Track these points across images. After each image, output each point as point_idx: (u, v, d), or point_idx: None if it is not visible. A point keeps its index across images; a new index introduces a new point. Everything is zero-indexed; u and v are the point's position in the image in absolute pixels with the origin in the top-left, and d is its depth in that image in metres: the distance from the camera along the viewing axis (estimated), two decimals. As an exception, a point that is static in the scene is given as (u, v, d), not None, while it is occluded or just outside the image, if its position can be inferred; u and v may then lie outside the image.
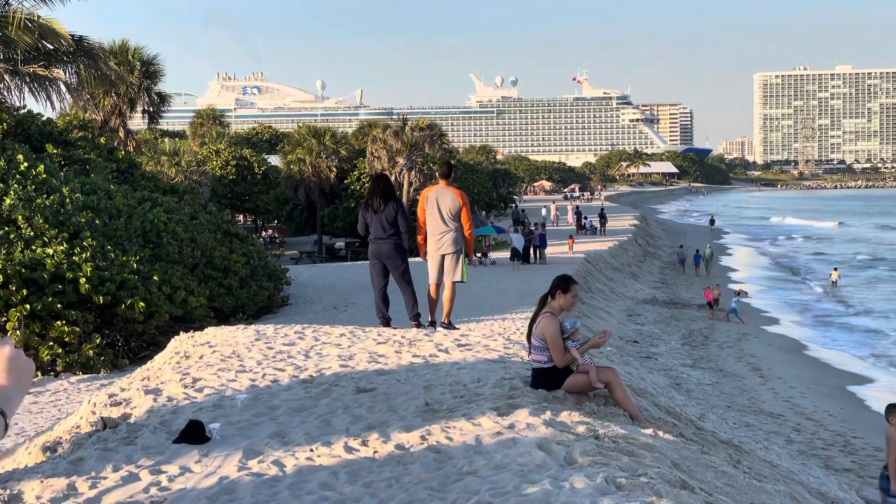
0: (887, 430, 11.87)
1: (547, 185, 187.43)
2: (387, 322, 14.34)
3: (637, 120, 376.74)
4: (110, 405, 9.84)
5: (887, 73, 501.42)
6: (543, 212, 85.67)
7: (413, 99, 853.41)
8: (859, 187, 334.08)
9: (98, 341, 21.15)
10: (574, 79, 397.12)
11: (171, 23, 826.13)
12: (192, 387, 10.20)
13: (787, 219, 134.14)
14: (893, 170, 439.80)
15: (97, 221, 23.72)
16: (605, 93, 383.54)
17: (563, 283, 9.63)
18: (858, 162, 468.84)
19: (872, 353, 35.68)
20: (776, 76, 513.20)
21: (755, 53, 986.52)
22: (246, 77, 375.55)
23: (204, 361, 11.57)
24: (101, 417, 9.20)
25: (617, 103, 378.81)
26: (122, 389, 10.63)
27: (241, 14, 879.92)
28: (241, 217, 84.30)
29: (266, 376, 10.57)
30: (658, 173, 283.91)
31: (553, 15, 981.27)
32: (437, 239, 14.26)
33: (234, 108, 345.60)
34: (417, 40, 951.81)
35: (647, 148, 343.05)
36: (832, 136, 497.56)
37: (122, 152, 37.37)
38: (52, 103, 28.26)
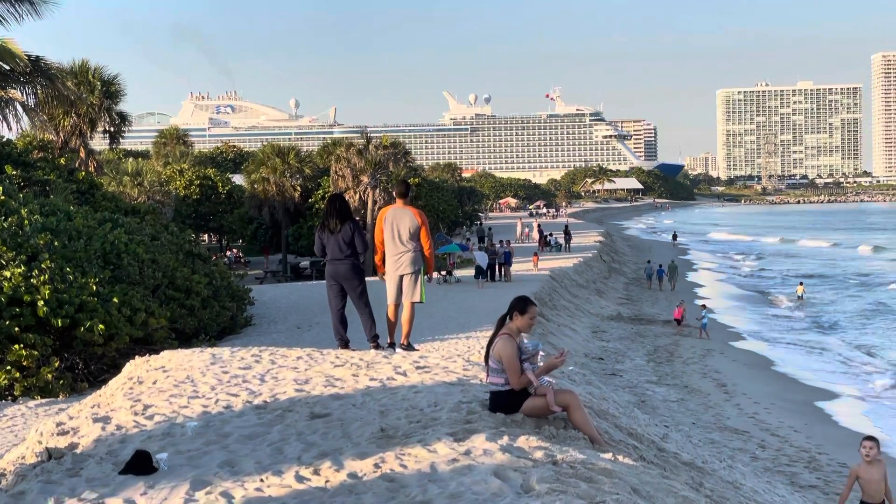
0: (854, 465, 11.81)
1: (512, 202, 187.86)
2: (345, 344, 14.14)
3: (610, 136, 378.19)
4: (57, 434, 9.58)
5: (848, 88, 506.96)
6: (519, 229, 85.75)
7: (387, 116, 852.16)
8: (822, 202, 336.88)
9: (57, 365, 20.80)
10: (547, 95, 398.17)
11: (144, 43, 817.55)
12: (143, 414, 9.95)
13: (739, 235, 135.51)
14: (855, 184, 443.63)
15: (56, 243, 23.39)
16: (578, 109, 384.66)
17: (520, 305, 9.47)
18: (821, 177, 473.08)
19: (837, 368, 35.79)
20: (738, 92, 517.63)
21: (718, 70, 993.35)
22: (220, 96, 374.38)
23: (157, 387, 11.32)
24: (47, 448, 8.94)
25: (590, 119, 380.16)
26: (71, 417, 10.37)
27: (215, 34, 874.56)
28: (205, 237, 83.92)
29: (219, 402, 10.34)
30: (623, 189, 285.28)
31: (524, 31, 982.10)
32: (396, 259, 14.09)
33: (208, 128, 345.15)
34: (391, 58, 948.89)
35: (620, 164, 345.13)
36: (794, 152, 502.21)
37: (83, 173, 37.03)
38: (8, 124, 27.95)
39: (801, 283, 59.81)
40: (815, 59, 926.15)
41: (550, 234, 75.84)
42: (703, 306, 44.25)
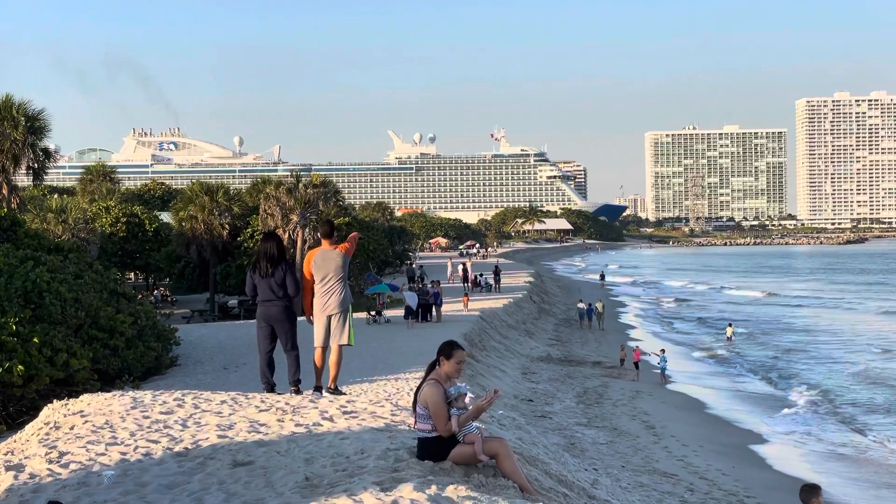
0: None
1: (443, 241, 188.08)
2: (271, 388, 13.85)
3: (554, 177, 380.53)
4: (-32, 483, 9.20)
5: (773, 132, 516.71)
6: (450, 269, 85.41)
7: (332, 155, 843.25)
8: (748, 244, 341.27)
9: (-27, 407, 20.26)
10: (492, 135, 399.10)
11: (80, 77, 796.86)
12: (58, 462, 9.60)
13: (666, 277, 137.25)
14: (780, 227, 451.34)
15: (-26, 282, 22.85)
16: (522, 150, 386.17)
17: (447, 350, 9.29)
18: (747, 219, 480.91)
19: (765, 409, 36.07)
20: (666, 135, 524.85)
21: (646, 113, 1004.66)
22: (162, 132, 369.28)
23: (74, 433, 10.96)
24: (-44, 498, 8.59)
25: (535, 160, 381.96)
26: (-17, 465, 9.98)
27: (151, 64, 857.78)
28: (131, 275, 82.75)
29: (138, 449, 10.02)
30: (553, 230, 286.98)
31: (466, 72, 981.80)
32: (323, 300, 13.86)
33: (151, 164, 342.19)
34: (335, 96, 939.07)
35: (564, 204, 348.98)
36: (721, 194, 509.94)
37: (5, 210, 36.35)
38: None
39: (731, 325, 60.40)
40: (742, 103, 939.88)
41: (481, 275, 75.81)
42: (662, 350, 43.75)
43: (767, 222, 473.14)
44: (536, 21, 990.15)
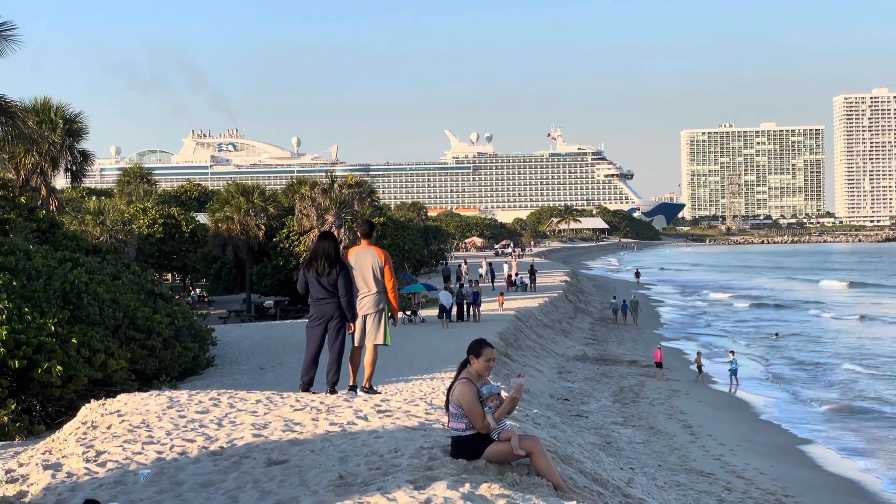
0: None
1: (478, 241, 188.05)
2: (307, 387, 13.88)
3: (612, 175, 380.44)
4: (6, 482, 9.31)
5: (810, 129, 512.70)
6: (484, 268, 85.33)
7: (389, 154, 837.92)
8: (785, 242, 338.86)
9: (13, 407, 20.40)
10: (549, 134, 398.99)
11: (129, 77, 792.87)
12: (95, 461, 9.69)
13: (704, 274, 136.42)
14: (818, 225, 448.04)
15: (14, 283, 23.04)
16: (579, 148, 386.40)
17: (476, 348, 9.30)
18: (784, 217, 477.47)
19: (808, 409, 35.86)
20: (703, 133, 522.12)
21: (682, 111, 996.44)
22: (221, 134, 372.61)
23: (111, 432, 11.05)
24: (-5, 496, 8.68)
25: (592, 159, 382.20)
26: (21, 464, 10.09)
27: (213, 72, 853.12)
28: (168, 276, 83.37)
29: (174, 448, 10.09)
30: (588, 229, 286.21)
31: (518, 71, 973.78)
32: (359, 300, 13.91)
33: (210, 165, 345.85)
34: (391, 95, 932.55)
35: (622, 203, 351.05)
36: (758, 192, 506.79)
37: (44, 212, 36.66)
38: (-33, 163, 27.53)
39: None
40: (778, 100, 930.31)
41: (517, 274, 75.68)
42: (731, 353, 42.98)
43: (805, 220, 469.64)
44: (570, 19, 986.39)
